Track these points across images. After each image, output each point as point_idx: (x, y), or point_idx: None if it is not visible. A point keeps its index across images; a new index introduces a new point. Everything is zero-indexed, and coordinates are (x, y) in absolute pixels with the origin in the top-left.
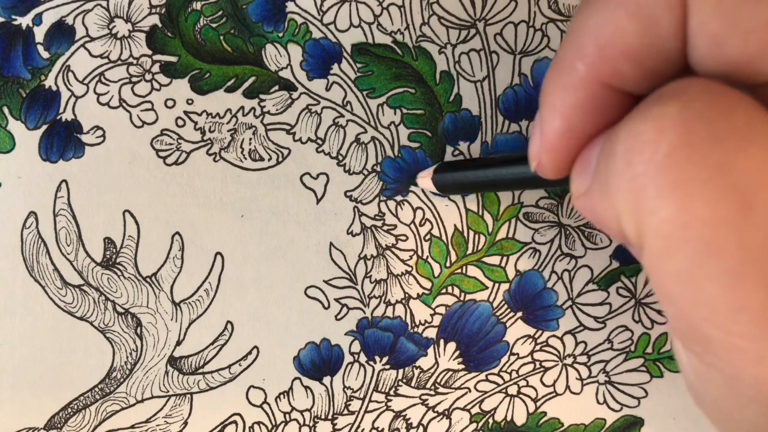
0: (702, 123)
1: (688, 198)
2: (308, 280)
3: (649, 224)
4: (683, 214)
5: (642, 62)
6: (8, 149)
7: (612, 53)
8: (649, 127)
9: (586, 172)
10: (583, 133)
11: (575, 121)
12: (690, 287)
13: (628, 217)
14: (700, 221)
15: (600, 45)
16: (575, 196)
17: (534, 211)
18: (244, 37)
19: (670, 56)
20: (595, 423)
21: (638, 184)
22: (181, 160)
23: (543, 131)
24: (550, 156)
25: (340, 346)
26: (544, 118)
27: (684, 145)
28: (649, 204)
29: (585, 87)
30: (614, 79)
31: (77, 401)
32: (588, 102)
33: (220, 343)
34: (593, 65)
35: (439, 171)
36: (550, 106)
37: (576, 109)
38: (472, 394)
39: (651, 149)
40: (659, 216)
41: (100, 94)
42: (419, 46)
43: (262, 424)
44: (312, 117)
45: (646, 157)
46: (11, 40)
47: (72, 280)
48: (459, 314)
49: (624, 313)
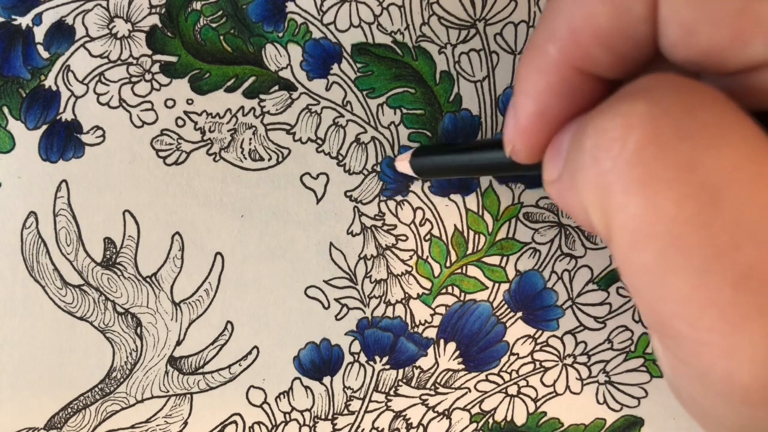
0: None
1: (655, 195)
2: (308, 280)
3: (615, 220)
4: (650, 211)
5: (613, 47)
6: (8, 149)
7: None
8: (617, 124)
9: (557, 158)
10: (556, 117)
11: (547, 104)
12: (657, 283)
13: (595, 212)
14: (666, 218)
15: (572, 28)
16: (547, 182)
17: (534, 211)
18: (244, 37)
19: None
20: (595, 423)
21: (605, 181)
22: (181, 160)
23: (516, 115)
24: (523, 140)
25: (340, 346)
26: (517, 101)
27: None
28: (616, 200)
29: (557, 71)
30: (585, 63)
31: (77, 401)
32: (560, 86)
33: (220, 343)
34: (565, 49)
35: (416, 155)
36: (523, 89)
37: (548, 93)
38: (472, 394)
39: (618, 146)
40: (626, 212)
41: (100, 94)
42: (419, 46)
43: (262, 424)
44: (312, 117)
45: (613, 154)
46: (11, 40)
47: (72, 280)
48: (459, 314)
49: (624, 313)
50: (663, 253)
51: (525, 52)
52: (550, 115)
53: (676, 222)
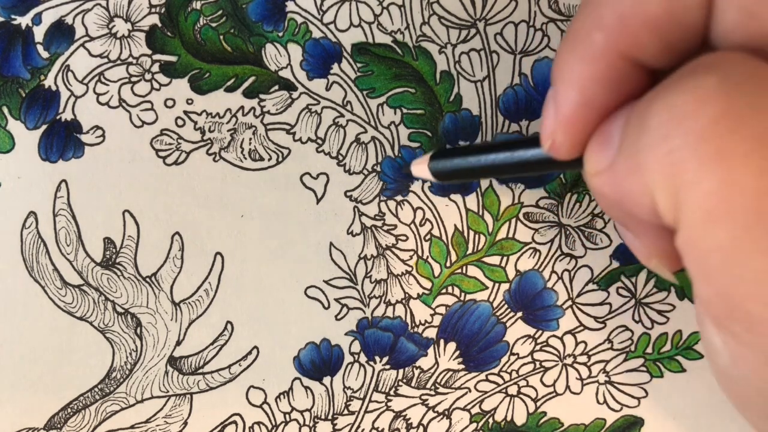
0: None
1: (732, 169)
2: (308, 280)
3: (688, 198)
4: (727, 186)
5: (664, 34)
6: (8, 149)
7: (633, 23)
8: (687, 99)
9: (607, 147)
10: (602, 107)
11: (593, 94)
12: (733, 262)
13: (663, 192)
14: (745, 192)
15: (620, 14)
16: (593, 174)
17: (534, 211)
18: (243, 36)
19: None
20: (595, 423)
21: (676, 158)
22: (181, 160)
23: (558, 106)
24: (566, 132)
25: (340, 346)
26: (559, 92)
27: (725, 116)
28: (689, 177)
29: (604, 59)
30: (634, 51)
31: (77, 401)
32: (606, 75)
33: (220, 343)
34: (613, 36)
35: (434, 158)
36: (566, 79)
37: (594, 82)
38: (472, 394)
39: (690, 121)
40: (700, 189)
41: (99, 94)
42: (419, 46)
43: (262, 425)
44: (312, 117)
45: (685, 130)
46: (11, 39)
47: (72, 280)
48: (459, 314)
49: (624, 313)
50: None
51: (565, 41)
52: (596, 105)
53: (755, 196)
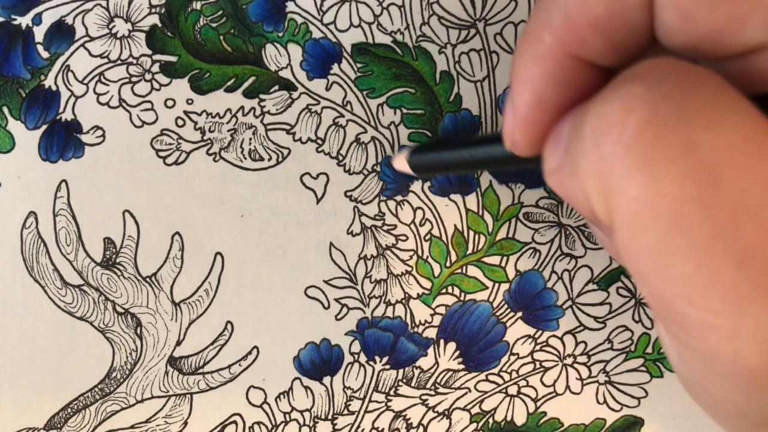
0: (668, 102)
1: (656, 176)
2: (308, 280)
3: (617, 203)
4: (651, 193)
5: (608, 34)
6: (8, 149)
7: (578, 24)
8: (616, 108)
9: (557, 147)
10: (554, 106)
11: (545, 93)
12: (661, 264)
13: (597, 197)
14: (668, 198)
15: (567, 15)
16: (547, 173)
17: (534, 211)
18: (244, 36)
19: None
20: (595, 423)
21: (606, 165)
22: (181, 160)
23: (514, 105)
24: (522, 131)
25: (340, 346)
26: (514, 91)
27: (651, 125)
28: (617, 183)
29: (552, 58)
30: (581, 51)
31: (77, 401)
32: (556, 74)
33: (220, 343)
34: (560, 36)
35: (413, 153)
36: (520, 78)
37: (545, 81)
38: (472, 394)
39: (618, 130)
40: (627, 195)
41: (99, 94)
42: (419, 46)
43: (262, 424)
44: (312, 117)
45: (613, 138)
46: (11, 39)
47: (72, 280)
48: (459, 314)
49: (624, 313)
50: (665, 233)
51: (520, 41)
52: (548, 104)
53: (677, 202)
